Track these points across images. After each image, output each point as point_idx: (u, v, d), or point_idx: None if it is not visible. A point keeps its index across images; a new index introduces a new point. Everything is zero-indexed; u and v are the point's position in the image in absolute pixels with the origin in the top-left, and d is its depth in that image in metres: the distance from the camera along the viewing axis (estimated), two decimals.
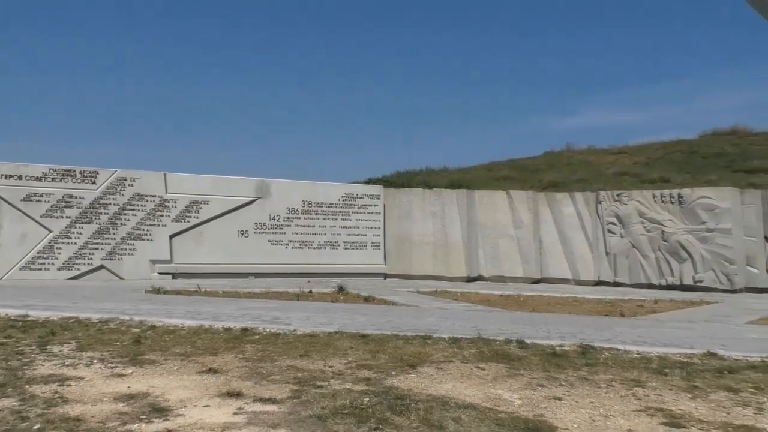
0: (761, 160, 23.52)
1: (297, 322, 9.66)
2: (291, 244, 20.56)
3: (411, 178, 25.63)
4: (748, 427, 4.95)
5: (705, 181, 21.27)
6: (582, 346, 8.03)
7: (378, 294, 15.44)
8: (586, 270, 20.72)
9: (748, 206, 19.17)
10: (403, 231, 21.79)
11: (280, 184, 20.86)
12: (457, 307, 13.62)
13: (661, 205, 19.77)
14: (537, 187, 22.90)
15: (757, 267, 18.88)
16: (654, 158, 25.95)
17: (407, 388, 5.83)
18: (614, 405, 5.53)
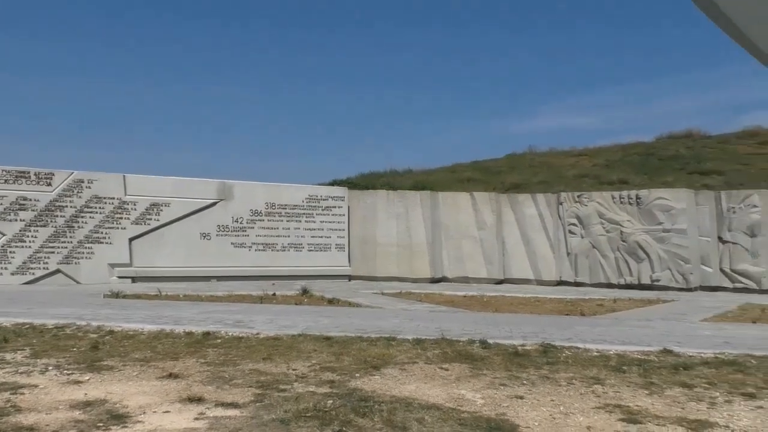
0: (714, 163, 24.28)
1: (260, 325, 9.57)
2: (254, 246, 20.35)
3: (375, 179, 25.65)
4: (701, 422, 5.10)
5: (661, 183, 21.83)
6: (543, 346, 8.15)
7: (342, 296, 15.40)
8: (548, 270, 21.06)
9: (702, 207, 19.78)
10: (368, 233, 21.79)
11: (243, 186, 20.62)
12: (421, 308, 13.67)
13: (620, 206, 20.25)
14: (500, 189, 23.18)
15: (711, 266, 19.49)
16: (613, 160, 26.52)
17: (371, 389, 5.84)
18: (574, 402, 5.64)
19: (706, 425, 5.02)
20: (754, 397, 5.97)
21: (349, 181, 25.15)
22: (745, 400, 5.87)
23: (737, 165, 23.99)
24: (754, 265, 18.99)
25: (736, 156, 25.36)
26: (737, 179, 21.97)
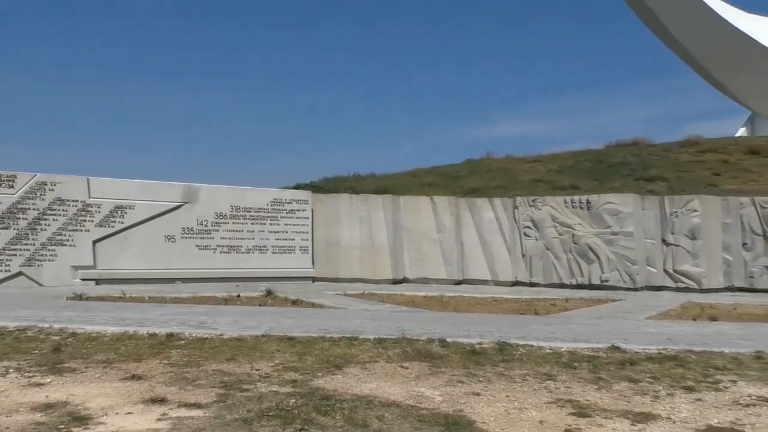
0: (658, 170, 25.31)
1: (224, 326, 9.61)
2: (219, 248, 20.26)
3: (339, 183, 25.80)
4: (645, 414, 5.38)
5: (610, 188, 22.61)
6: (499, 344, 8.40)
7: (306, 297, 15.46)
8: (505, 271, 21.57)
9: (648, 211, 20.60)
10: (331, 235, 21.92)
11: (208, 190, 20.51)
12: (382, 308, 13.87)
13: (572, 210, 20.91)
14: (459, 193, 23.61)
15: (656, 267, 20.31)
16: (565, 166, 27.29)
17: (333, 388, 5.96)
18: (528, 398, 5.84)
19: (649, 417, 5.29)
20: (693, 390, 6.31)
21: (313, 185, 25.25)
22: (686, 393, 6.20)
23: (679, 172, 25.09)
24: (695, 266, 19.91)
25: (678, 164, 26.51)
26: (679, 185, 22.99)
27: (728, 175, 24.51)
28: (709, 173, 24.91)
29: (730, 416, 5.44)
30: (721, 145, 28.80)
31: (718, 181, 24.00)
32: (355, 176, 27.86)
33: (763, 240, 20.06)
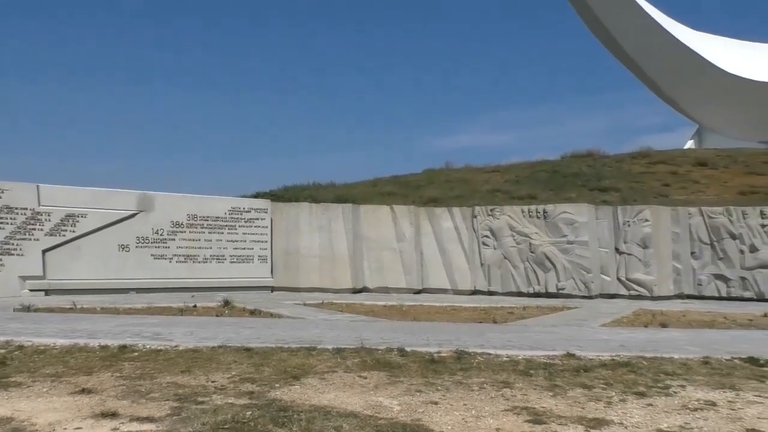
0: (611, 180, 26.06)
1: (179, 337, 9.41)
2: (175, 258, 19.86)
3: (298, 192, 25.64)
4: (599, 420, 5.49)
5: (565, 198, 23.11)
6: (458, 352, 8.46)
7: (264, 307, 15.30)
8: (463, 280, 21.77)
9: (601, 221, 21.14)
10: (291, 244, 21.75)
11: (164, 198, 20.11)
12: (342, 318, 13.81)
13: (529, 220, 21.29)
14: (418, 203, 23.76)
15: (610, 275, 20.84)
16: (522, 177, 27.78)
17: (290, 399, 5.91)
18: (485, 406, 5.89)
19: (602, 423, 5.40)
20: (644, 395, 6.47)
21: (272, 193, 25.03)
22: (637, 398, 6.35)
23: (631, 183, 25.88)
24: (646, 274, 20.50)
25: (631, 174, 27.34)
26: (631, 196, 23.69)
27: (677, 186, 25.38)
28: (660, 184, 25.75)
29: (679, 420, 5.60)
30: (671, 157, 29.83)
31: (668, 191, 24.82)
32: (315, 185, 27.76)
33: (711, 249, 20.80)
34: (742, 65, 34.43)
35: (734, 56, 35.16)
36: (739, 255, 20.31)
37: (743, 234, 20.33)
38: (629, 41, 35.24)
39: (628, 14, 34.04)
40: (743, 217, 20.46)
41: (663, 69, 35.90)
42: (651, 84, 37.76)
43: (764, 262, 19.97)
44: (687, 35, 35.40)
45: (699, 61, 34.31)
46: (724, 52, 35.31)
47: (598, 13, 34.47)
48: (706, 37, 36.67)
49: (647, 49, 35.14)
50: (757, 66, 34.42)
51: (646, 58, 35.83)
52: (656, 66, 35.99)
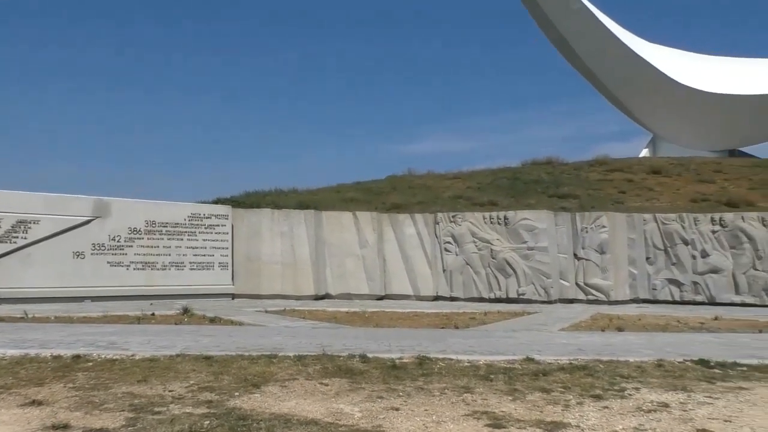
0: (570, 187, 26.61)
1: (136, 346, 9.20)
2: (133, 265, 19.40)
3: (260, 198, 25.35)
4: (556, 423, 5.59)
5: (525, 205, 23.50)
6: (419, 358, 8.50)
7: (225, 314, 15.08)
8: (426, 286, 21.89)
9: (560, 227, 21.58)
10: (252, 251, 21.51)
11: (121, 204, 19.65)
12: (304, 325, 13.73)
13: (490, 226, 21.57)
14: (381, 209, 23.79)
15: (569, 280, 21.26)
16: (484, 183, 28.12)
17: (250, 408, 5.84)
18: (446, 411, 5.93)
19: (560, 426, 5.50)
20: (601, 398, 6.61)
21: (233, 199, 24.67)
22: (594, 401, 6.48)
23: (589, 190, 26.47)
24: (604, 279, 21.00)
25: (588, 182, 27.97)
26: (589, 202, 24.23)
27: (633, 193, 26.07)
28: (616, 191, 26.41)
29: (633, 422, 5.74)
30: (627, 165, 30.64)
31: (624, 198, 25.48)
32: (276, 191, 27.48)
33: (664, 254, 21.43)
34: (695, 77, 35.69)
35: (687, 68, 36.42)
36: (691, 260, 20.98)
37: (695, 240, 21.02)
38: (585, 51, 36.17)
39: (584, 25, 34.95)
40: (695, 223, 21.15)
41: (618, 79, 36.94)
42: (607, 93, 38.78)
43: (715, 267, 20.67)
44: (642, 47, 36.51)
45: (653, 73, 35.39)
46: (677, 64, 36.54)
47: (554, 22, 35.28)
48: (661, 49, 37.90)
49: (603, 59, 36.13)
50: (709, 78, 35.72)
51: (602, 69, 36.82)
52: (612, 76, 37.03)
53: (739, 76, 35.88)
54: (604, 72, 37.06)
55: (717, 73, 36.45)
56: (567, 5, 34.49)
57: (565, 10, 34.64)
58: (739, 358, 9.06)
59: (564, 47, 37.29)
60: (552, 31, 36.59)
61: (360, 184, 29.64)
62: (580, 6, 34.56)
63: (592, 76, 37.98)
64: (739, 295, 20.24)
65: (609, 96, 39.09)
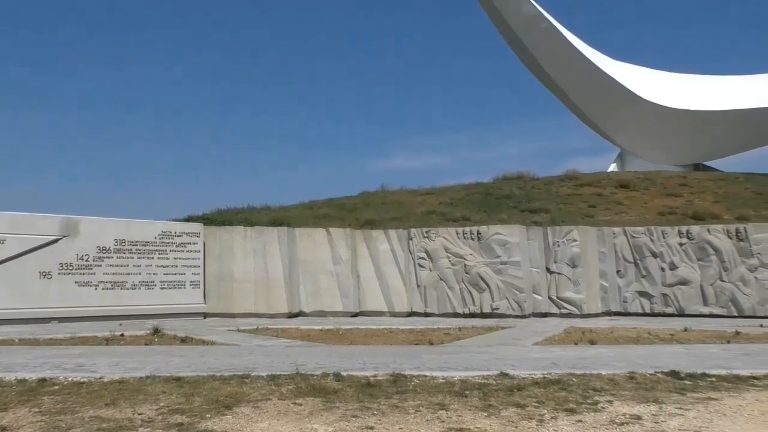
0: (541, 202, 26.93)
1: (104, 368, 9.00)
2: (101, 285, 19.00)
3: (232, 216, 25.06)
4: None
5: (498, 220, 23.68)
6: (394, 375, 8.49)
7: (196, 334, 14.88)
8: (400, 302, 21.86)
9: (533, 241, 21.80)
10: (224, 269, 21.26)
11: (90, 222, 19.26)
12: (277, 343, 13.60)
13: (463, 241, 21.69)
14: (355, 225, 23.74)
15: (541, 294, 21.44)
16: (457, 199, 28.31)
17: (222, 430, 5.77)
18: (421, 429, 5.92)
19: None
20: (574, 412, 6.68)
21: (205, 217, 24.32)
22: (568, 415, 6.54)
23: (560, 204, 26.82)
24: (576, 293, 21.23)
25: (559, 196, 28.35)
26: (560, 217, 24.54)
27: (602, 208, 26.50)
28: (586, 206, 26.82)
29: None
30: (596, 180, 31.17)
31: (594, 212, 25.87)
32: (249, 208, 27.21)
33: (634, 267, 21.78)
34: (659, 93, 36.60)
35: (652, 85, 37.34)
36: (660, 272, 21.35)
37: (663, 252, 21.41)
38: (554, 68, 36.88)
39: (551, 43, 35.64)
40: (663, 236, 21.56)
41: (586, 95, 37.69)
42: (575, 109, 39.54)
43: (683, 279, 21.07)
44: (607, 64, 37.37)
45: (619, 89, 36.19)
46: (642, 81, 37.44)
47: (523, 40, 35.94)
48: (626, 66, 38.84)
49: (570, 76, 36.87)
50: (673, 95, 36.67)
51: (570, 85, 37.56)
52: (579, 92, 37.78)
53: (702, 93, 36.92)
54: (572, 88, 37.81)
55: (680, 90, 37.48)
56: (535, 24, 35.21)
57: (533, 28, 35.36)
58: (708, 368, 9.24)
59: (533, 64, 37.98)
60: (521, 49, 37.27)
61: (333, 200, 29.56)
62: (548, 25, 35.29)
63: (561, 93, 38.70)
64: (707, 306, 20.64)
65: (577, 112, 39.84)
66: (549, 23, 35.46)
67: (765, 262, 20.32)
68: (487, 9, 36.44)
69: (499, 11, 35.38)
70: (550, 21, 35.52)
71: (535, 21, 35.33)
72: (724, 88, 37.37)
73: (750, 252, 20.49)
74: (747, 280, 20.32)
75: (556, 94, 39.60)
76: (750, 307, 20.08)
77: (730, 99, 36.03)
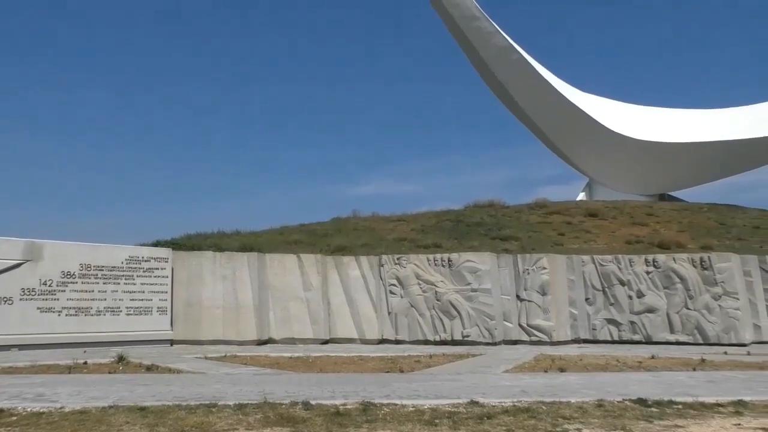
0: (511, 230, 27.25)
1: (66, 398, 8.72)
2: (65, 311, 18.48)
3: (202, 240, 24.74)
4: None
5: (469, 247, 23.86)
6: (363, 404, 8.41)
7: (162, 362, 14.54)
8: (371, 329, 21.73)
9: (503, 269, 21.98)
10: (193, 295, 20.90)
11: (54, 246, 18.79)
12: (245, 371, 13.37)
13: (434, 268, 21.77)
14: (326, 251, 23.66)
15: (512, 321, 21.54)
16: (428, 226, 28.46)
17: None
18: None
19: None
20: None
21: (174, 241, 23.93)
22: None
23: (530, 232, 27.17)
24: (546, 320, 21.38)
25: (529, 224, 28.73)
26: (530, 244, 24.84)
27: (571, 236, 26.92)
28: (555, 233, 27.21)
29: None
30: (565, 208, 31.70)
31: (563, 240, 26.25)
32: (219, 233, 26.92)
33: (603, 295, 22.07)
34: (626, 125, 37.64)
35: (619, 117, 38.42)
36: (628, 300, 21.68)
37: (631, 280, 21.77)
38: (524, 99, 37.73)
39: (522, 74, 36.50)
40: (630, 264, 21.95)
41: (555, 126, 38.56)
42: (544, 138, 40.38)
43: (650, 306, 21.41)
44: (576, 95, 38.38)
45: (587, 120, 37.12)
46: (609, 113, 38.51)
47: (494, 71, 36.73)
48: (593, 98, 39.94)
49: (540, 107, 37.73)
50: (638, 126, 37.75)
51: (540, 116, 38.42)
52: (549, 123, 38.64)
53: (667, 125, 38.11)
54: (542, 119, 38.65)
55: (646, 122, 38.64)
56: (505, 55, 36.04)
57: (504, 60, 36.18)
58: (674, 396, 9.36)
59: (503, 94, 38.78)
60: (492, 79, 38.05)
61: (304, 226, 29.46)
62: (518, 56, 36.15)
63: (530, 122, 39.51)
64: (673, 333, 20.97)
65: (546, 141, 40.67)
66: (519, 55, 36.34)
67: (728, 291, 20.81)
68: (458, 39, 37.22)
69: (471, 42, 36.15)
70: (520, 53, 36.41)
71: (505, 53, 36.18)
72: (688, 122, 38.66)
73: (714, 280, 20.96)
74: (711, 308, 20.74)
75: (525, 124, 40.42)
76: (715, 334, 20.46)
77: (692, 132, 37.24)
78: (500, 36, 35.73)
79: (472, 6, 35.19)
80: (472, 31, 35.64)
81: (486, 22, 35.38)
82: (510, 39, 36.09)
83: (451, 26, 36.49)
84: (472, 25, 35.53)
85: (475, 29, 35.58)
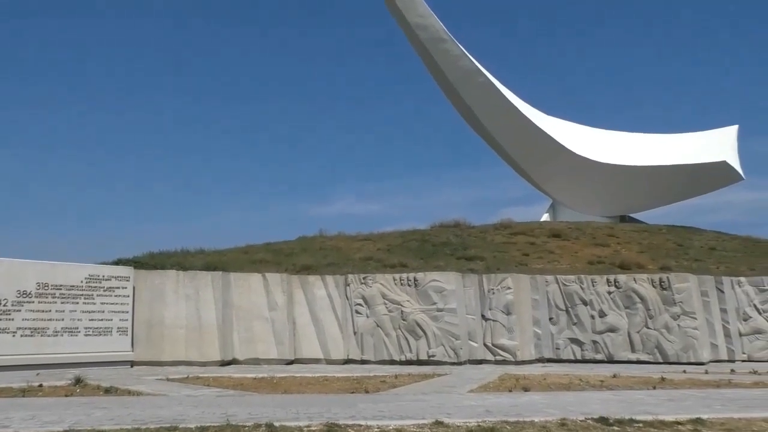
0: (477, 250, 27.47)
1: (18, 422, 8.43)
2: (20, 331, 17.87)
3: (165, 259, 24.24)
4: None
5: (435, 267, 23.96)
6: (328, 425, 8.36)
7: (122, 384, 14.17)
8: (336, 349, 21.57)
9: (468, 289, 22.14)
10: (155, 315, 20.46)
11: (9, 264, 18.23)
12: (208, 393, 13.12)
13: (401, 288, 21.80)
14: (291, 270, 23.46)
15: (477, 341, 21.66)
16: (394, 245, 28.51)
17: None
18: None
19: None
20: None
21: (135, 260, 23.36)
22: None
23: (495, 252, 27.43)
24: (510, 340, 21.55)
25: (494, 244, 29.02)
26: (495, 264, 25.07)
27: (535, 256, 27.27)
28: (520, 254, 27.52)
29: None
30: (529, 229, 32.13)
31: (528, 260, 26.57)
32: (182, 251, 26.41)
33: (566, 314, 22.40)
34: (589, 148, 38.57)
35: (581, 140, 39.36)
36: (590, 320, 22.05)
37: (593, 300, 22.17)
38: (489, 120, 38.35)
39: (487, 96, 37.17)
40: (593, 284, 22.37)
41: (519, 147, 39.24)
42: (509, 160, 41.05)
43: (612, 326, 21.81)
44: (540, 118, 39.23)
45: (550, 142, 37.91)
46: (572, 135, 39.42)
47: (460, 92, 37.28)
48: (556, 121, 40.87)
49: (505, 128, 38.41)
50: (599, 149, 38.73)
51: (504, 137, 39.08)
52: (513, 144, 39.33)
53: (628, 149, 39.18)
54: (507, 141, 39.32)
55: (607, 145, 39.66)
56: (472, 78, 36.66)
57: (471, 82, 36.79)
58: (635, 414, 9.54)
59: (470, 116, 39.36)
60: (458, 101, 38.62)
61: (270, 245, 29.16)
62: (485, 79, 36.81)
63: (495, 143, 40.13)
64: (634, 353, 21.37)
65: (511, 162, 41.33)
66: (486, 78, 37.01)
67: (687, 311, 21.35)
68: (426, 61, 37.72)
69: (438, 65, 36.68)
70: (486, 76, 37.09)
71: (472, 75, 36.80)
72: (647, 146, 39.82)
73: (673, 300, 21.49)
74: (671, 327, 21.23)
75: (491, 145, 41.03)
76: (674, 353, 20.92)
77: (651, 156, 38.34)
78: (467, 59, 36.35)
79: (439, 29, 35.76)
80: (440, 54, 36.19)
81: (453, 44, 35.96)
82: (476, 62, 36.76)
83: (418, 48, 36.99)
84: (439, 48, 36.07)
85: (443, 52, 36.13)
